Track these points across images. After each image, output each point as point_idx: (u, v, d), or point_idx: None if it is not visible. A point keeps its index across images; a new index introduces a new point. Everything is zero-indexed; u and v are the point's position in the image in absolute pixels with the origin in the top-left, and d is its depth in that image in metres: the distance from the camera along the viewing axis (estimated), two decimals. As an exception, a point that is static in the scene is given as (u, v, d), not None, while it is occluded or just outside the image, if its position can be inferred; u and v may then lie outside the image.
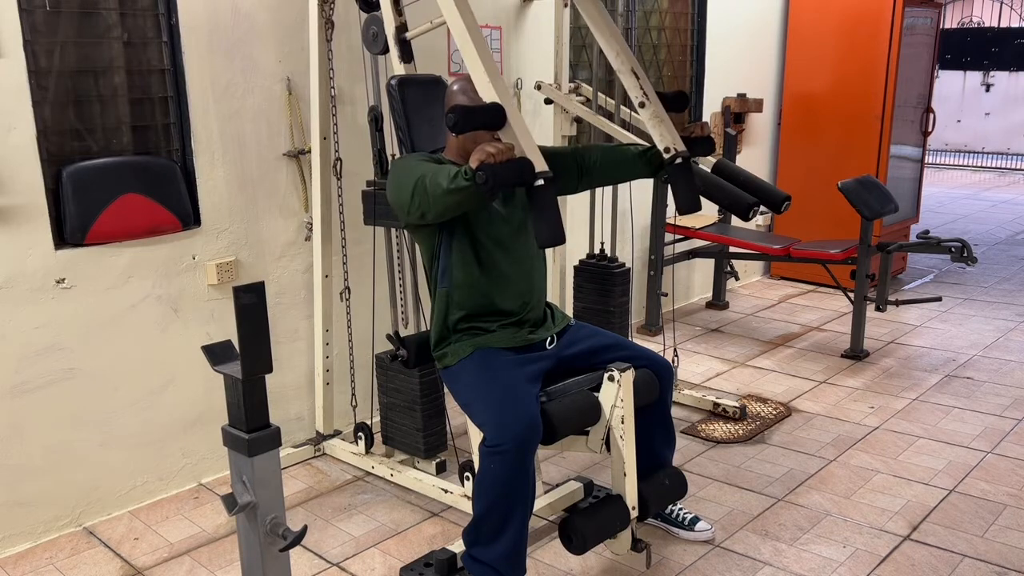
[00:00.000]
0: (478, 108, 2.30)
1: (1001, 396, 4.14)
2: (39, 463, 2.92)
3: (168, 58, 3.12)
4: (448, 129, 2.32)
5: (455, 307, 2.58)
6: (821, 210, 5.77)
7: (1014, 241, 7.84)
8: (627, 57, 2.79)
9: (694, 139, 2.73)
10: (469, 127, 2.28)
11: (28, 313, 2.83)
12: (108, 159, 3.00)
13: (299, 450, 3.56)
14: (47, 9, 2.80)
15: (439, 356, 2.62)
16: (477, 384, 2.50)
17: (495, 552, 2.38)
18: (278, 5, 3.31)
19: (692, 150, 2.70)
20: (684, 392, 4.08)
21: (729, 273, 5.68)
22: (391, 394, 3.31)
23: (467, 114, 2.27)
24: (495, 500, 2.35)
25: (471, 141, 2.48)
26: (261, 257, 3.43)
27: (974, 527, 2.97)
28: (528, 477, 2.35)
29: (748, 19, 5.94)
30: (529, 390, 2.43)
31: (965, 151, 14.08)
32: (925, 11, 6.00)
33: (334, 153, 3.36)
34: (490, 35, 4.12)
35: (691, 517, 2.94)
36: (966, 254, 4.38)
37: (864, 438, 3.70)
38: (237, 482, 1.69)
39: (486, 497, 2.36)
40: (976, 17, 15.15)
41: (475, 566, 2.42)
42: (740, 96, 5.88)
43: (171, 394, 3.22)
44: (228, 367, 1.68)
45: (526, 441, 2.31)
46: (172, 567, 2.81)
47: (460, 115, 2.26)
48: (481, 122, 2.29)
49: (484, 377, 2.50)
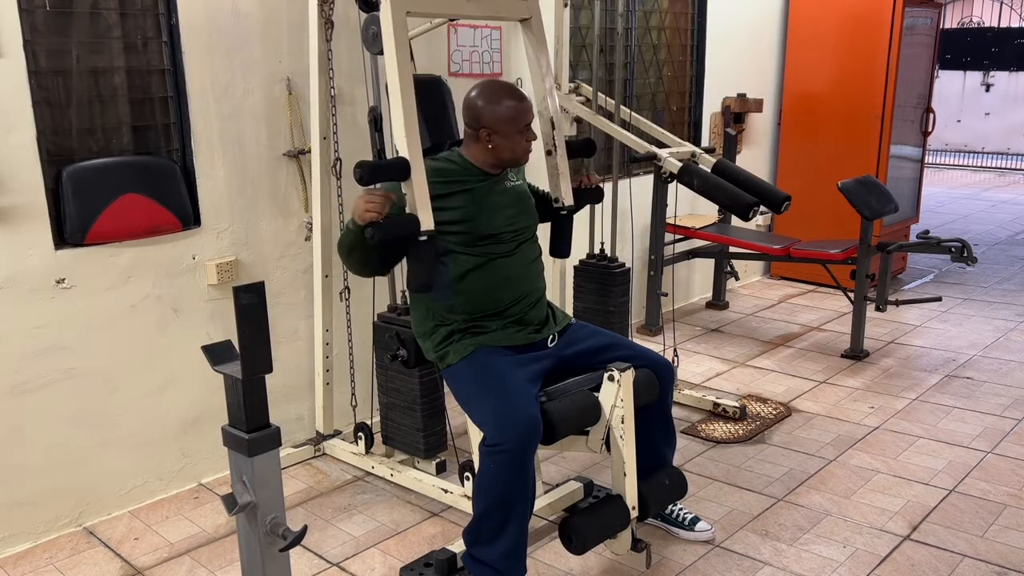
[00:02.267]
0: (386, 163, 2.53)
1: (1001, 396, 4.14)
2: (39, 463, 2.92)
3: (168, 58, 3.12)
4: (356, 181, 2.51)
5: (457, 308, 2.58)
6: (821, 210, 5.77)
7: (1014, 241, 7.84)
8: (551, 103, 3.07)
9: (584, 190, 3.03)
10: (374, 181, 2.51)
11: (28, 313, 2.83)
12: (108, 159, 3.00)
13: (299, 450, 3.56)
14: (47, 9, 2.80)
15: (440, 355, 2.61)
16: (477, 383, 2.50)
17: (495, 552, 2.38)
18: (278, 5, 3.31)
19: (580, 201, 3.00)
20: (684, 392, 4.08)
21: (729, 273, 5.68)
22: (391, 394, 3.31)
23: (374, 169, 2.51)
24: (495, 500, 2.35)
25: (503, 144, 2.55)
26: (261, 257, 3.43)
27: (974, 527, 2.97)
28: (528, 477, 2.35)
29: (748, 19, 5.94)
30: (529, 390, 2.43)
31: (965, 151, 14.08)
32: (925, 11, 6.00)
33: (334, 153, 3.35)
34: (490, 35, 4.13)
35: (691, 517, 2.94)
36: (966, 254, 4.38)
37: (864, 438, 3.70)
38: (237, 482, 1.69)
39: (486, 497, 2.36)
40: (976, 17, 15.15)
41: (475, 566, 2.42)
42: (740, 96, 5.88)
43: (171, 394, 3.22)
44: (228, 367, 1.68)
45: (526, 441, 2.31)
46: (172, 567, 2.81)
47: (366, 170, 2.47)
48: (388, 176, 2.53)
49: (484, 376, 2.49)
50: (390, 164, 2.50)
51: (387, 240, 2.40)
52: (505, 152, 2.57)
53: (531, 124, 2.64)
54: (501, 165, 2.63)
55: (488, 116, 2.53)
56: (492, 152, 2.57)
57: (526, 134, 2.59)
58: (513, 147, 2.57)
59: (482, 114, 2.54)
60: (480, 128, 2.55)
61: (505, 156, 2.59)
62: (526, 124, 2.59)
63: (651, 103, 5.47)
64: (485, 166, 2.62)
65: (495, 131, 2.54)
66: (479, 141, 2.58)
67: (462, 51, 4.01)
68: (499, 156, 2.58)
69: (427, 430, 3.25)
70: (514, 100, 2.56)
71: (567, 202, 2.98)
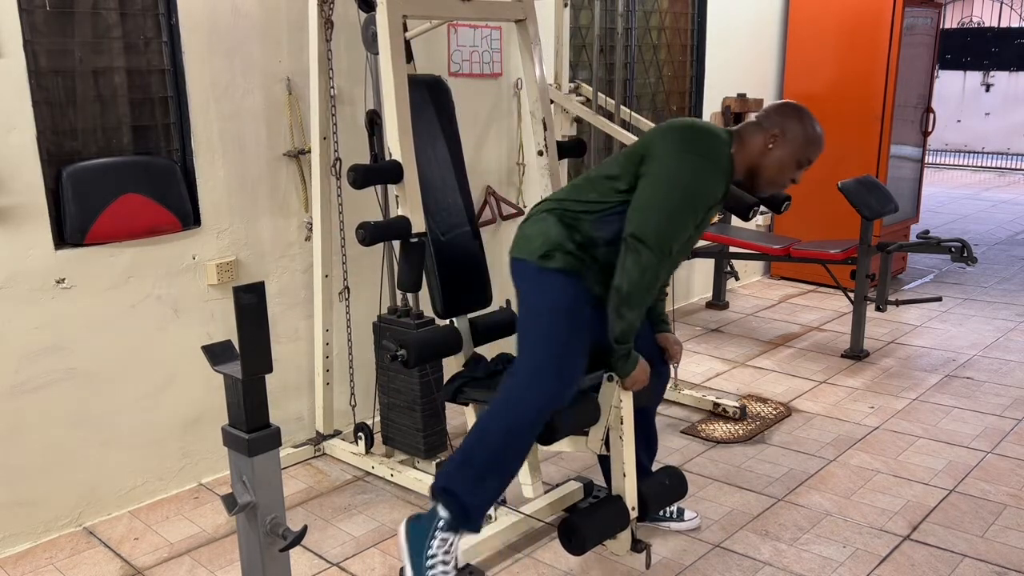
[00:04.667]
0: (379, 166, 2.58)
1: (1001, 396, 4.14)
2: (39, 463, 2.92)
3: (168, 58, 3.12)
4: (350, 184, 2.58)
5: (589, 242, 2.41)
6: (821, 210, 5.77)
7: (1014, 241, 7.84)
8: (544, 106, 3.13)
9: None
10: (368, 184, 2.58)
11: (28, 313, 2.83)
12: (108, 159, 3.00)
13: (299, 450, 3.56)
14: (47, 9, 2.80)
15: (546, 253, 2.40)
16: (558, 323, 2.39)
17: (479, 497, 2.42)
18: (278, 5, 3.31)
19: None
20: (684, 392, 4.08)
21: (729, 273, 5.68)
22: (391, 394, 3.32)
23: (368, 172, 2.57)
24: (503, 451, 2.38)
25: (783, 168, 2.42)
26: (261, 257, 3.43)
27: (974, 527, 2.97)
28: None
29: (748, 19, 5.94)
30: (582, 365, 2.43)
31: (965, 151, 14.08)
32: (925, 11, 6.00)
33: (333, 153, 3.35)
34: (490, 35, 4.13)
35: (678, 508, 2.96)
36: (966, 254, 4.38)
37: (864, 438, 3.70)
38: (237, 482, 1.69)
39: (495, 444, 2.38)
40: (976, 17, 15.15)
41: (452, 501, 2.41)
42: (740, 96, 5.87)
43: (171, 394, 3.22)
44: (228, 367, 1.68)
45: (550, 413, 2.37)
46: (172, 567, 2.81)
47: (360, 173, 2.51)
48: (382, 179, 2.59)
49: (568, 323, 2.39)
50: (384, 168, 2.52)
51: (377, 241, 2.43)
52: (772, 168, 2.43)
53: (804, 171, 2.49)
54: (751, 180, 2.48)
55: (796, 131, 2.40)
56: (767, 154, 2.41)
57: (799, 173, 2.45)
58: (784, 169, 2.43)
59: (792, 126, 2.40)
60: (772, 131, 2.40)
61: (769, 173, 2.44)
62: (809, 163, 2.46)
63: (651, 103, 5.47)
64: (737, 167, 2.44)
65: (788, 144, 2.40)
66: (746, 154, 2.42)
67: (462, 51, 4.01)
68: (762, 168, 2.43)
69: (427, 430, 3.25)
70: (822, 141, 2.43)
71: None
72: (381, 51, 2.65)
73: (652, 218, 2.30)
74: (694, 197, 2.34)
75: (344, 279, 3.53)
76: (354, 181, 2.48)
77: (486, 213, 4.21)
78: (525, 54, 3.13)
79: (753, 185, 2.49)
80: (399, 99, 2.58)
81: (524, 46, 3.13)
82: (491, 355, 2.94)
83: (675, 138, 2.37)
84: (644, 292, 2.32)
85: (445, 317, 2.90)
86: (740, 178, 2.47)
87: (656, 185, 2.32)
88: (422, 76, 3.12)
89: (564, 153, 3.25)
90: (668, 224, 2.31)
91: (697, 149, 2.34)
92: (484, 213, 4.20)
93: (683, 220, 2.33)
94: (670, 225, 2.31)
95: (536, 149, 3.19)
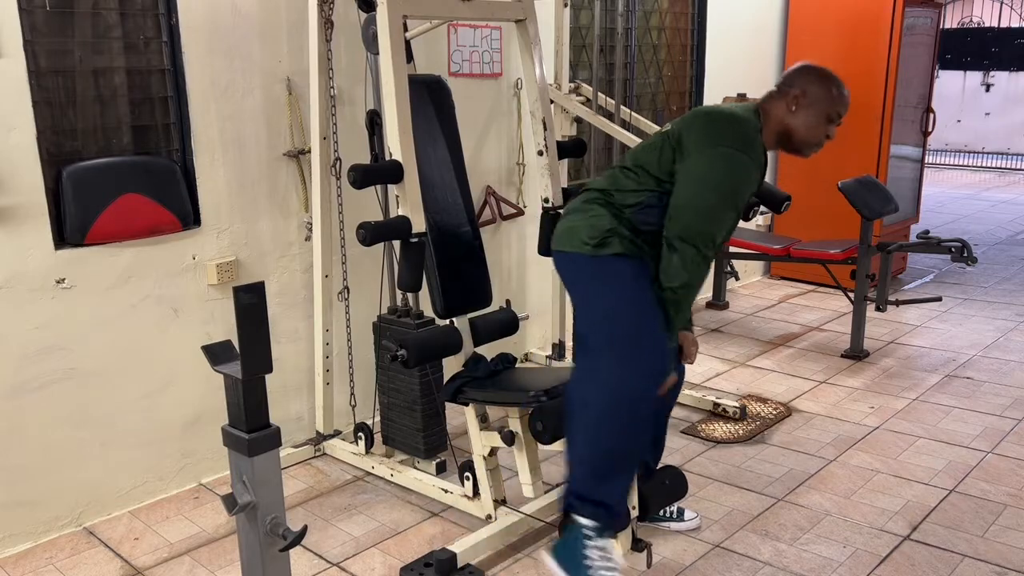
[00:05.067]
0: (379, 166, 2.62)
1: (1001, 396, 4.14)
2: (39, 463, 2.92)
3: (168, 58, 3.12)
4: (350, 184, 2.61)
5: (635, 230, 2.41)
6: (821, 210, 5.77)
7: (1014, 241, 7.84)
8: (544, 106, 3.16)
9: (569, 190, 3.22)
10: (368, 184, 2.62)
11: (28, 313, 2.83)
12: (108, 159, 3.00)
13: (299, 450, 3.56)
14: (47, 9, 2.80)
15: (602, 241, 2.39)
16: (641, 303, 2.35)
17: (618, 490, 2.40)
18: (278, 5, 3.31)
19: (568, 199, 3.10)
20: (684, 392, 4.07)
21: (729, 273, 5.68)
22: (391, 394, 3.32)
23: (367, 172, 2.62)
24: (622, 439, 2.33)
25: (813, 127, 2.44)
26: (261, 257, 3.43)
27: (974, 527, 2.97)
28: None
29: (748, 19, 5.94)
30: (665, 339, 2.41)
31: (965, 151, 14.07)
32: (925, 11, 6.00)
33: (333, 153, 3.36)
34: (490, 35, 4.13)
35: (678, 508, 2.96)
36: (966, 254, 4.38)
37: (864, 438, 3.70)
38: (237, 482, 1.69)
39: (613, 434, 2.32)
40: (976, 17, 15.15)
41: (592, 507, 2.37)
42: (740, 96, 5.86)
43: (171, 394, 3.22)
44: (228, 367, 1.68)
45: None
46: (172, 567, 2.81)
47: (360, 173, 2.55)
48: (382, 179, 2.64)
49: (647, 302, 2.36)
50: (384, 168, 2.53)
51: (377, 241, 2.45)
52: (801, 129, 2.44)
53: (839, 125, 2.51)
54: (785, 147, 2.48)
55: (817, 89, 2.43)
56: (793, 117, 2.43)
57: (832, 128, 2.49)
58: (814, 128, 2.45)
59: (812, 85, 2.43)
60: (793, 93, 2.42)
61: (800, 135, 2.46)
62: (839, 117, 2.49)
63: (651, 103, 5.47)
64: (767, 139, 2.46)
65: (811, 102, 2.42)
66: (776, 120, 2.44)
67: (462, 51, 4.01)
68: (792, 131, 2.44)
69: (427, 430, 3.26)
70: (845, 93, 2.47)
71: (555, 202, 3.01)
72: (381, 51, 2.65)
73: (694, 220, 2.34)
74: (734, 194, 2.37)
75: (344, 279, 3.53)
76: (354, 181, 2.49)
77: (486, 213, 4.21)
78: (525, 54, 3.14)
79: (789, 150, 2.51)
80: (399, 99, 2.59)
81: (524, 46, 3.14)
82: (491, 355, 2.94)
83: (706, 132, 2.38)
84: (697, 285, 2.41)
85: (445, 317, 2.90)
86: (773, 148, 2.49)
87: (694, 186, 2.35)
88: (422, 76, 3.12)
89: (564, 153, 3.26)
90: (711, 224, 2.36)
91: (728, 141, 2.35)
92: (484, 213, 4.20)
93: (724, 216, 2.39)
94: (712, 224, 2.37)
95: (536, 149, 3.20)
